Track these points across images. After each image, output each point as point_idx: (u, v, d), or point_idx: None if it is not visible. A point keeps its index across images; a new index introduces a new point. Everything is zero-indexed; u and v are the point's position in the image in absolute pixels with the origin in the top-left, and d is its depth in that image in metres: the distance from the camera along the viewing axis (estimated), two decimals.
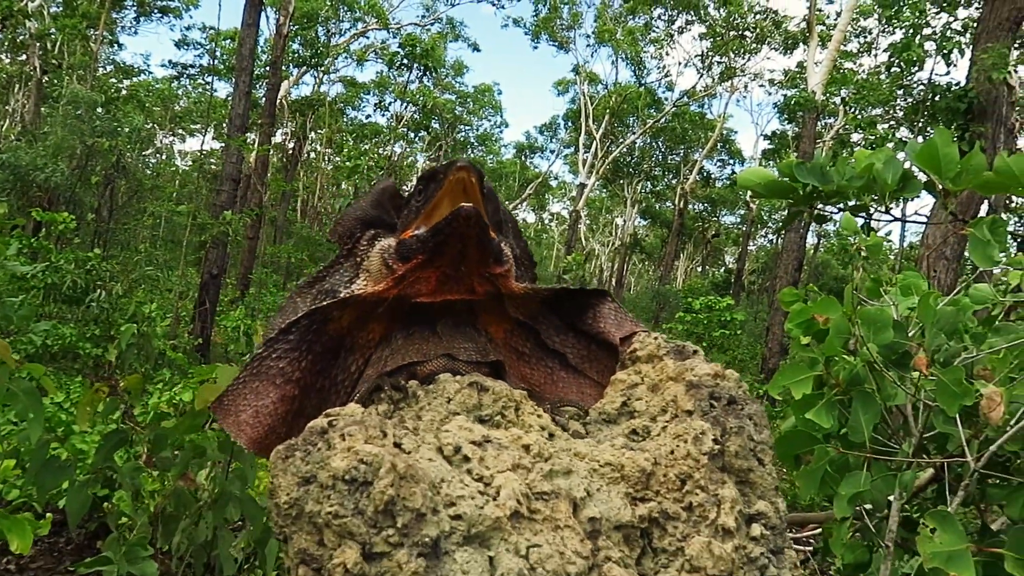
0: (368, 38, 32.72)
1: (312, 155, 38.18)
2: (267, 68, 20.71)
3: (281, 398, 1.38)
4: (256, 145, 18.65)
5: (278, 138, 31.88)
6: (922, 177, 2.22)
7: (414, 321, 1.45)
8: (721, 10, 28.77)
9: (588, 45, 33.87)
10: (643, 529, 1.05)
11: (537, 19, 32.24)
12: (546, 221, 57.28)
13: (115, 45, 32.94)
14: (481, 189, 1.37)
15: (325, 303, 1.42)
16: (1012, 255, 2.51)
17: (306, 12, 27.20)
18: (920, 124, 15.58)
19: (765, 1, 29.33)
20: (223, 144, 15.07)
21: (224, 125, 20.10)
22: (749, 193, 2.47)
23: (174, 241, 19.51)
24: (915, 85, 18.99)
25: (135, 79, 33.77)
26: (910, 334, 2.20)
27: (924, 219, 8.28)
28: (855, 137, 25.11)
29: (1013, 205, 18.72)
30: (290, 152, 33.20)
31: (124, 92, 29.13)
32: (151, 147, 32.44)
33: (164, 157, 39.53)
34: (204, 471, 3.40)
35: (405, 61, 27.79)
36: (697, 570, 0.96)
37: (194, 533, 3.32)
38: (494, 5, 31.81)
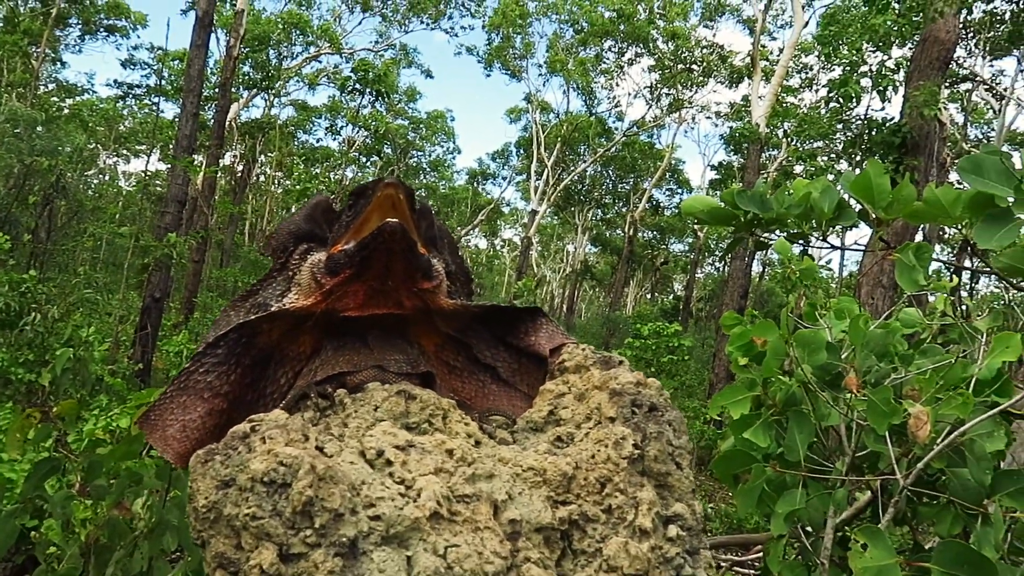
0: (320, 62, 32.59)
1: (261, 178, 37.73)
2: (216, 89, 20.44)
3: (209, 412, 1.36)
4: (203, 167, 18.32)
5: (227, 160, 31.43)
6: (857, 207, 2.30)
7: (345, 333, 1.45)
8: (669, 44, 29.49)
9: (540, 74, 34.34)
10: (563, 531, 1.06)
11: (490, 48, 32.56)
12: (498, 247, 57.43)
13: (58, 63, 32.21)
14: (411, 205, 1.39)
15: (254, 317, 1.41)
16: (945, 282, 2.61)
17: (257, 35, 26.97)
18: (858, 157, 16.13)
19: (711, 36, 30.24)
20: (169, 165, 14.79)
21: (170, 146, 19.74)
22: (696, 221, 2.53)
23: (115, 264, 19.01)
24: (853, 120, 19.70)
25: (78, 98, 32.97)
26: (843, 356, 2.27)
27: (861, 248, 8.56)
28: (798, 169, 25.89)
29: (946, 236, 19.47)
30: (239, 175, 32.72)
31: (66, 111, 28.46)
32: (94, 167, 31.65)
33: (107, 178, 38.63)
34: (140, 499, 3.29)
35: (357, 86, 27.72)
36: (614, 570, 0.97)
37: (128, 564, 3.19)
38: (447, 33, 32.10)
